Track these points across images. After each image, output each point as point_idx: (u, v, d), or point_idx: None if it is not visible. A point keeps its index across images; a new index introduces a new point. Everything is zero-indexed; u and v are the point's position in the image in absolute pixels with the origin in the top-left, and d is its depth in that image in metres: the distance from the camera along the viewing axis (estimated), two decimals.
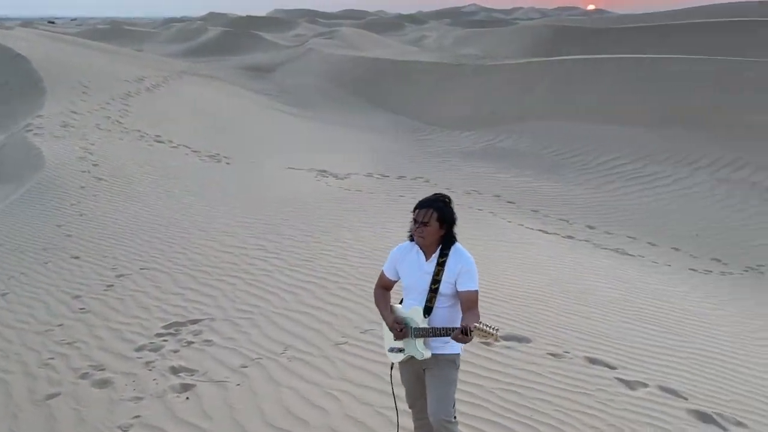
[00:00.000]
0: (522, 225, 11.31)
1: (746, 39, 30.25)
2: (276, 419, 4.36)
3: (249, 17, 77.81)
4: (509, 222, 11.43)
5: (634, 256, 10.51)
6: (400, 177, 14.49)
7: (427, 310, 3.46)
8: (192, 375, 5.02)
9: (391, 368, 3.75)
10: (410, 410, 3.73)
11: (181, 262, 7.82)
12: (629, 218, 12.90)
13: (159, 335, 5.83)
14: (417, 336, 3.44)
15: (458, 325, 3.29)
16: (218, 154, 14.96)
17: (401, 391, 3.76)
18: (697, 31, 33.23)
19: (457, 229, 3.59)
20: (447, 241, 3.50)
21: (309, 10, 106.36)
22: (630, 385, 4.87)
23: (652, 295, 7.84)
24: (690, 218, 13.00)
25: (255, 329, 5.90)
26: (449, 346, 3.48)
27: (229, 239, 8.66)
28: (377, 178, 14.23)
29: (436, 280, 3.44)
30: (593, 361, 5.23)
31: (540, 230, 11.18)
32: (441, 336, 3.38)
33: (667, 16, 43.40)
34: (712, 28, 33.40)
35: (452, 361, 3.50)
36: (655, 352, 5.73)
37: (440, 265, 3.45)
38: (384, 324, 3.62)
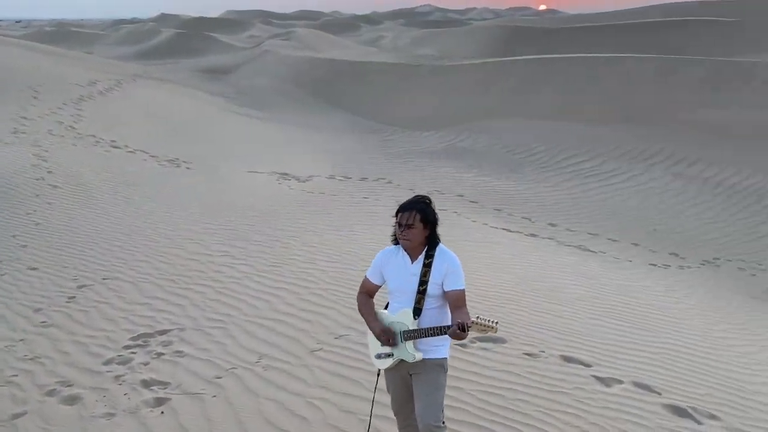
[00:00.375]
0: (486, 224, 11.38)
1: (688, 38, 31.31)
2: (257, 431, 4.26)
3: (201, 19, 76.64)
4: (473, 221, 11.48)
5: (596, 252, 10.68)
6: (363, 179, 14.42)
7: (417, 312, 3.45)
8: (165, 388, 4.87)
9: (378, 375, 3.70)
10: (396, 417, 3.68)
11: (145, 270, 7.60)
12: (589, 215, 13.12)
13: (127, 347, 5.64)
14: (407, 339, 3.42)
15: (448, 344, 3.30)
16: (177, 159, 14.64)
17: (381, 397, 3.72)
18: (644, 30, 34.15)
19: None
20: (431, 242, 3.50)
21: (262, 11, 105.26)
22: (605, 382, 4.92)
23: (618, 290, 7.97)
24: (647, 213, 13.31)
25: (227, 338, 5.77)
26: (438, 350, 3.48)
27: (194, 246, 8.47)
28: (340, 180, 14.14)
29: (423, 282, 3.44)
30: (568, 359, 5.28)
31: (504, 229, 11.27)
32: (434, 335, 3.36)
33: (616, 16, 44.42)
34: (657, 27, 34.39)
35: (441, 365, 3.48)
36: (626, 348, 5.81)
37: (426, 266, 3.45)
38: (369, 331, 3.57)
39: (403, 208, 3.48)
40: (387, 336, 3.44)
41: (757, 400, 5.08)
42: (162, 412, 4.52)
